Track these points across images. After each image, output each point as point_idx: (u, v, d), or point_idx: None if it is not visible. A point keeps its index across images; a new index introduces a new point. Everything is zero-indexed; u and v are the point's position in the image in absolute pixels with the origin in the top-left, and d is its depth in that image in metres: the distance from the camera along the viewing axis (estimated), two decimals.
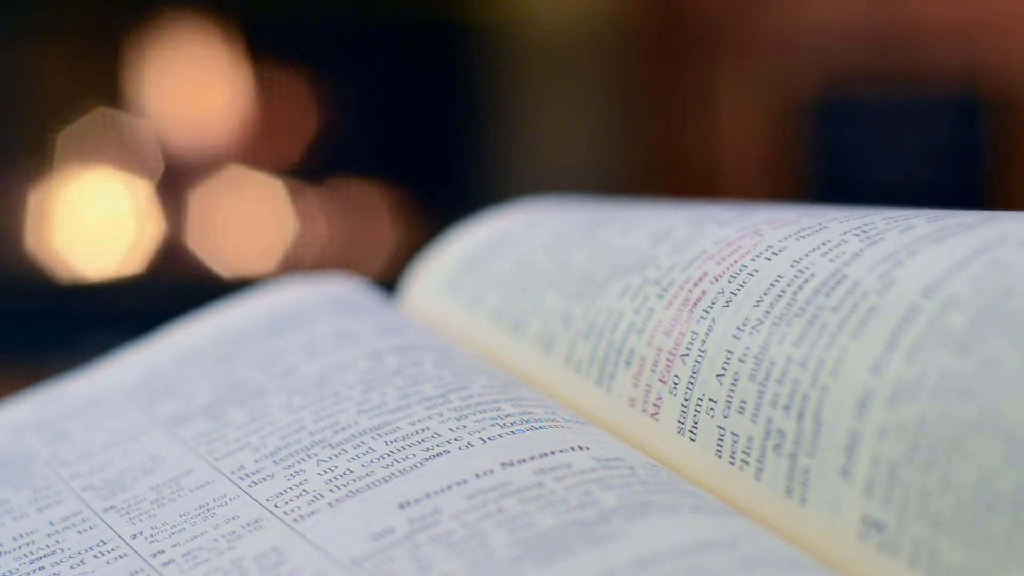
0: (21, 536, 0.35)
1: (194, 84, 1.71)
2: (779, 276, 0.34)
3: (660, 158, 1.79)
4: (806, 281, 0.33)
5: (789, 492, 0.31)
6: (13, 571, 0.34)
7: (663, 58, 1.76)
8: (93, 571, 0.33)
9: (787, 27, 1.72)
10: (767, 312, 0.33)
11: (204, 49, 1.71)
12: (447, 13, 1.76)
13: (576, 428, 0.35)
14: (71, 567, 0.33)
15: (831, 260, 0.33)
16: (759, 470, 0.32)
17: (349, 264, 1.68)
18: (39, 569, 0.34)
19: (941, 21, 1.66)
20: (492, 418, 0.35)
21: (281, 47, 1.73)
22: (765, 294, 0.33)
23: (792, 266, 0.34)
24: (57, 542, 0.34)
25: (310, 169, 1.73)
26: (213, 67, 1.71)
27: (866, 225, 0.34)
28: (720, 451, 0.33)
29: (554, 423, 0.35)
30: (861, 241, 0.33)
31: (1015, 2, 1.66)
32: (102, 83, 1.68)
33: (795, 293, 0.33)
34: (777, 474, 0.31)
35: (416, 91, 1.75)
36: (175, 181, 1.70)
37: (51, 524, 0.35)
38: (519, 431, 0.34)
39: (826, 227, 0.34)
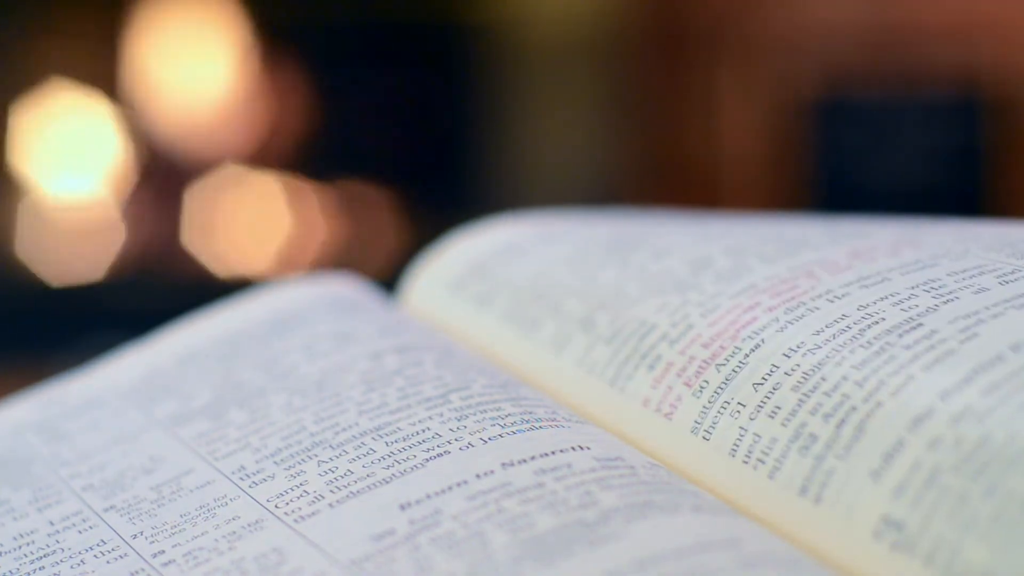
0: (21, 536, 0.35)
1: (194, 83, 1.71)
2: (844, 315, 0.34)
3: (660, 158, 1.79)
4: (875, 323, 0.33)
5: (804, 491, 0.31)
6: (13, 571, 0.34)
7: (663, 58, 1.76)
8: (93, 571, 0.33)
9: (787, 27, 1.72)
10: (827, 340, 0.33)
11: (205, 49, 1.71)
12: (447, 13, 1.76)
13: (576, 427, 0.35)
14: (71, 567, 0.33)
15: (903, 310, 0.33)
16: (775, 469, 0.32)
17: (349, 264, 1.68)
18: (39, 569, 0.34)
19: (941, 21, 1.66)
20: (493, 418, 0.35)
21: (281, 46, 1.73)
22: (827, 327, 0.34)
23: (859, 310, 0.34)
24: (57, 542, 0.34)
25: (309, 169, 1.73)
26: (213, 66, 1.71)
27: (933, 281, 0.34)
28: (735, 451, 0.33)
29: (554, 423, 0.35)
30: (933, 298, 0.34)
31: (1015, 2, 1.66)
32: (101, 77, 1.68)
33: (862, 331, 0.33)
34: (795, 474, 0.31)
35: (415, 91, 1.75)
36: (174, 180, 1.70)
37: (51, 524, 0.35)
38: (519, 431, 0.34)
39: (888, 279, 0.35)
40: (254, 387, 0.39)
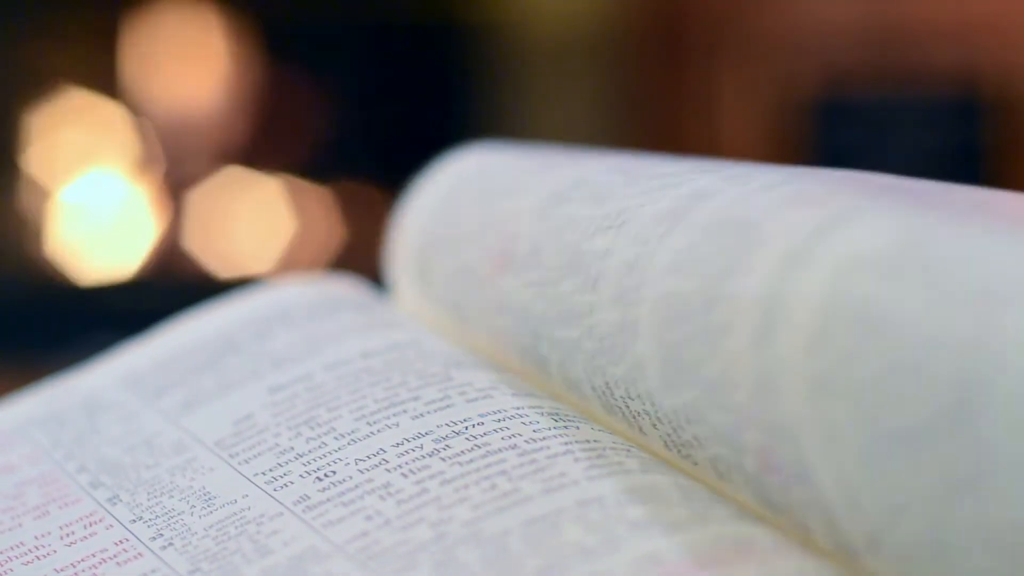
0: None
1: (195, 84, 1.71)
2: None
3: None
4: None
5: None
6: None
7: (663, 58, 1.76)
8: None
9: (787, 27, 1.72)
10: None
11: (205, 49, 1.71)
12: (447, 13, 1.76)
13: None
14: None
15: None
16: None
17: (351, 265, 1.68)
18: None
19: (941, 21, 1.66)
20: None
21: (281, 47, 1.73)
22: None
23: None
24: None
25: (310, 170, 1.73)
26: (215, 67, 1.71)
27: None
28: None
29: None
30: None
31: (1015, 2, 1.66)
32: (101, 77, 1.68)
33: None
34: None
35: (415, 91, 1.75)
36: (175, 181, 1.70)
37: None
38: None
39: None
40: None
